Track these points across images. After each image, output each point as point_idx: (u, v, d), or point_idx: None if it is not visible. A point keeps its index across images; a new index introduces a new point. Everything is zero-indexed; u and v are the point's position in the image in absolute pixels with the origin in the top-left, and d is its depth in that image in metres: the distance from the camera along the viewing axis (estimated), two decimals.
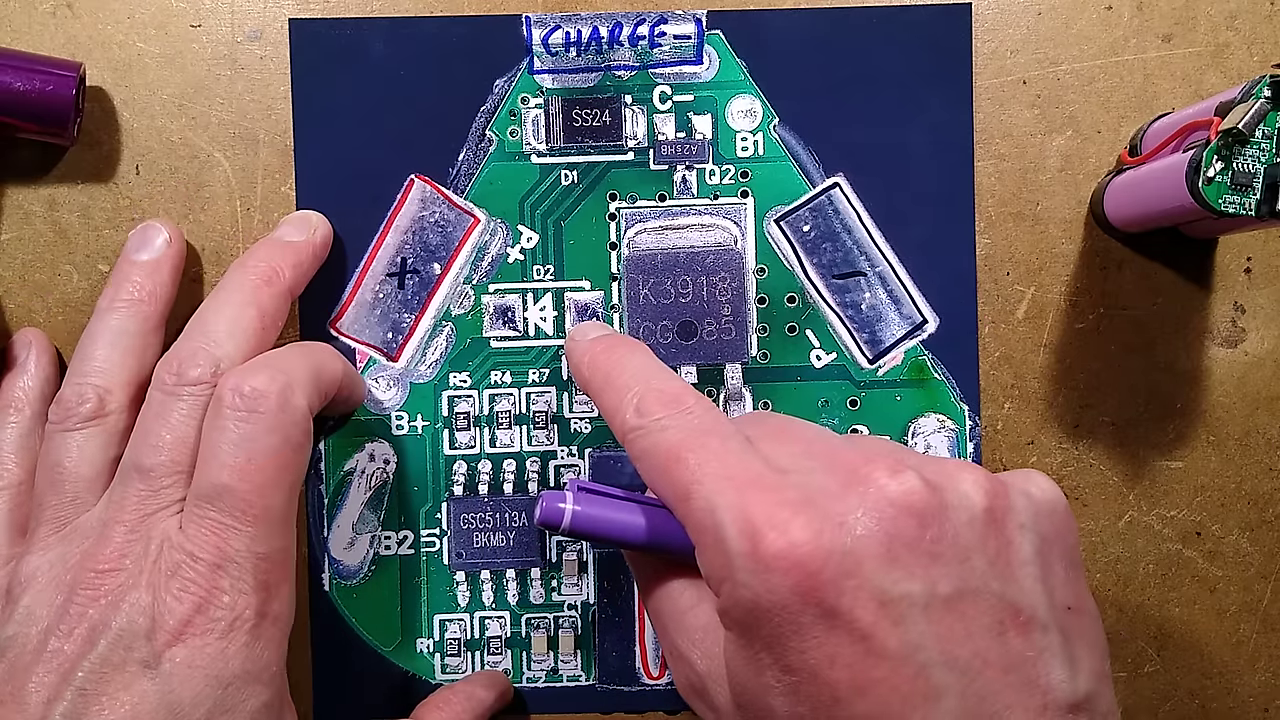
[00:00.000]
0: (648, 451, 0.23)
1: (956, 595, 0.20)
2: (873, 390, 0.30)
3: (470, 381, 0.30)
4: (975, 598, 0.20)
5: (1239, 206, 0.25)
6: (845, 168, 0.30)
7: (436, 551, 0.30)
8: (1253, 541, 0.30)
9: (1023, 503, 0.21)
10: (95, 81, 0.29)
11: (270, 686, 0.24)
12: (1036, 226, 0.30)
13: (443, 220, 0.30)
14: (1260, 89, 0.25)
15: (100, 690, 0.23)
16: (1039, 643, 0.20)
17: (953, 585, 0.20)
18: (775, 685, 0.20)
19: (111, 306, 0.27)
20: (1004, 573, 0.20)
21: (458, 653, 0.30)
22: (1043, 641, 0.20)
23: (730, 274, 0.30)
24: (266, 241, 0.28)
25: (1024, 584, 0.20)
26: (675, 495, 0.22)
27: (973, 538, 0.20)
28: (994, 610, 0.20)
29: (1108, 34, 0.30)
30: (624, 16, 0.30)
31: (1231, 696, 0.31)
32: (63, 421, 0.26)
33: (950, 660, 0.19)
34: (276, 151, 0.30)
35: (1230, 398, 0.30)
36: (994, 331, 0.30)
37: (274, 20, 0.30)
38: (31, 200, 0.29)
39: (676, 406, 0.23)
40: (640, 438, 0.23)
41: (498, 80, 0.30)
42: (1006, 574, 0.20)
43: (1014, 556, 0.21)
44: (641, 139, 0.30)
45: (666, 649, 0.23)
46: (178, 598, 0.24)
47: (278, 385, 0.24)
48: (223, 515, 0.24)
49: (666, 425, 0.23)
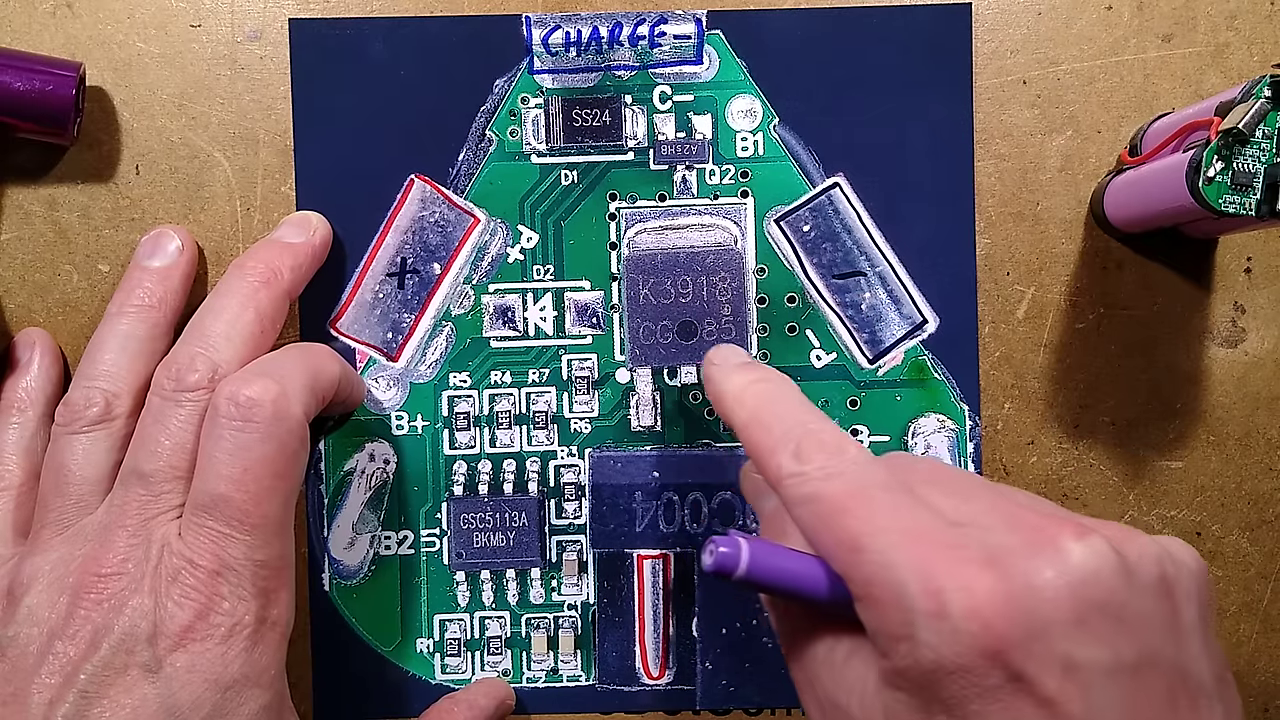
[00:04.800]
0: (808, 499, 0.22)
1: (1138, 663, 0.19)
2: (873, 390, 0.30)
3: (470, 381, 0.30)
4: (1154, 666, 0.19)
5: (1239, 206, 0.25)
6: (845, 168, 0.30)
7: (436, 551, 0.30)
8: (1253, 541, 0.30)
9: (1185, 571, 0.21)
10: (95, 81, 0.29)
11: (270, 689, 0.24)
12: (1036, 226, 0.30)
13: (443, 220, 0.30)
14: (1260, 89, 0.25)
15: (102, 693, 0.23)
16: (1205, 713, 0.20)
17: (1135, 653, 0.19)
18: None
19: (121, 311, 0.27)
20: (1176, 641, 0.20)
21: (458, 653, 0.30)
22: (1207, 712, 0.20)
23: (730, 274, 0.30)
24: (265, 242, 0.28)
25: (1192, 651, 0.20)
26: (841, 547, 0.21)
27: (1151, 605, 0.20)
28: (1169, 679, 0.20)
29: (1108, 34, 0.30)
30: (624, 16, 0.30)
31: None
32: (69, 424, 0.26)
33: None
34: (276, 151, 0.30)
35: (1230, 398, 0.30)
36: (994, 331, 0.30)
37: (274, 20, 0.30)
38: (31, 200, 0.29)
39: (839, 454, 0.22)
40: (800, 484, 0.22)
41: (498, 80, 0.30)
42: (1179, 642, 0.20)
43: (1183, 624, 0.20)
44: (641, 139, 0.30)
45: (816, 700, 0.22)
46: (179, 604, 0.24)
47: (272, 394, 0.24)
48: (220, 524, 0.24)
49: (830, 473, 0.22)
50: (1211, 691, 0.20)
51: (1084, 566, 0.19)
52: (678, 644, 0.30)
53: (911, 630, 0.19)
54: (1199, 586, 0.21)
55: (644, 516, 0.30)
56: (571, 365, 0.30)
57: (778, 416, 0.23)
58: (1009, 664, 0.19)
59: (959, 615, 0.19)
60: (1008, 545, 0.20)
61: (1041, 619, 0.19)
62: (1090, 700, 0.19)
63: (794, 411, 0.23)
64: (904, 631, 0.20)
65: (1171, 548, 0.21)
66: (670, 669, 0.30)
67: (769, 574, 0.22)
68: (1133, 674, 0.19)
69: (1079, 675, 0.19)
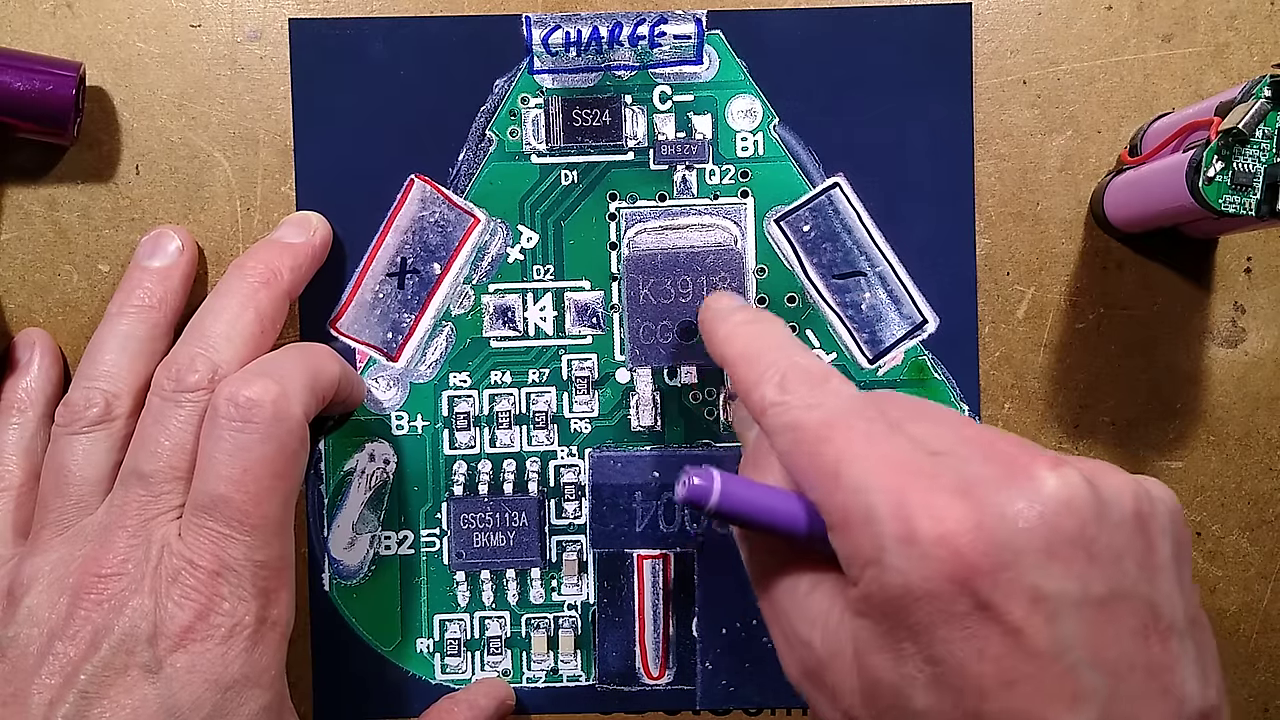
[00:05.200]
0: (789, 427, 0.22)
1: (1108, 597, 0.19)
2: (873, 390, 0.30)
3: (470, 381, 0.30)
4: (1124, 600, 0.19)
5: (1239, 206, 0.25)
6: (845, 168, 0.30)
7: (436, 551, 0.30)
8: (1253, 541, 0.30)
9: (1162, 507, 0.21)
10: (95, 81, 0.29)
11: (270, 690, 0.25)
12: (1036, 226, 0.30)
13: (443, 220, 0.30)
14: (1260, 89, 0.25)
15: (102, 694, 0.23)
16: (1175, 650, 0.20)
17: (1106, 586, 0.19)
18: (917, 675, 0.19)
19: (121, 311, 0.27)
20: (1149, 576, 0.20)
21: (457, 653, 0.30)
22: (1179, 649, 0.20)
23: (730, 274, 0.30)
24: (265, 243, 0.28)
25: (1165, 589, 0.20)
26: (820, 474, 0.21)
27: (1124, 539, 0.20)
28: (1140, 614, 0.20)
29: (1108, 34, 0.30)
30: (624, 16, 0.30)
31: (1231, 696, 0.30)
32: (70, 424, 0.26)
33: (1098, 662, 0.19)
34: (276, 151, 0.30)
35: (1230, 398, 0.30)
36: (994, 331, 0.30)
37: (274, 20, 0.30)
38: (31, 200, 0.29)
39: (822, 385, 0.22)
40: (782, 413, 0.22)
41: (498, 80, 0.30)
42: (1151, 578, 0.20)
43: (1157, 561, 0.20)
44: (641, 139, 0.30)
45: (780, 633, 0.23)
46: (179, 604, 0.24)
47: (272, 394, 0.25)
48: (220, 525, 0.24)
49: (812, 403, 0.22)
50: (1183, 630, 0.20)
51: (1056, 497, 0.20)
52: (678, 644, 0.30)
53: (881, 555, 0.19)
54: (1174, 525, 0.21)
55: (644, 516, 0.30)
56: (571, 365, 0.30)
57: (765, 350, 0.24)
58: (976, 591, 0.19)
59: (928, 541, 0.19)
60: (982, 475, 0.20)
61: (1011, 548, 0.19)
62: (1057, 631, 0.19)
63: (781, 346, 0.24)
64: (873, 556, 0.20)
65: (1149, 485, 0.21)
66: (670, 669, 0.30)
67: (740, 506, 0.22)
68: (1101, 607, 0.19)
69: (1046, 605, 0.19)
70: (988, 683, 0.19)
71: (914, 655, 0.19)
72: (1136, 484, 0.21)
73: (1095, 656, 0.19)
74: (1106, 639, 0.19)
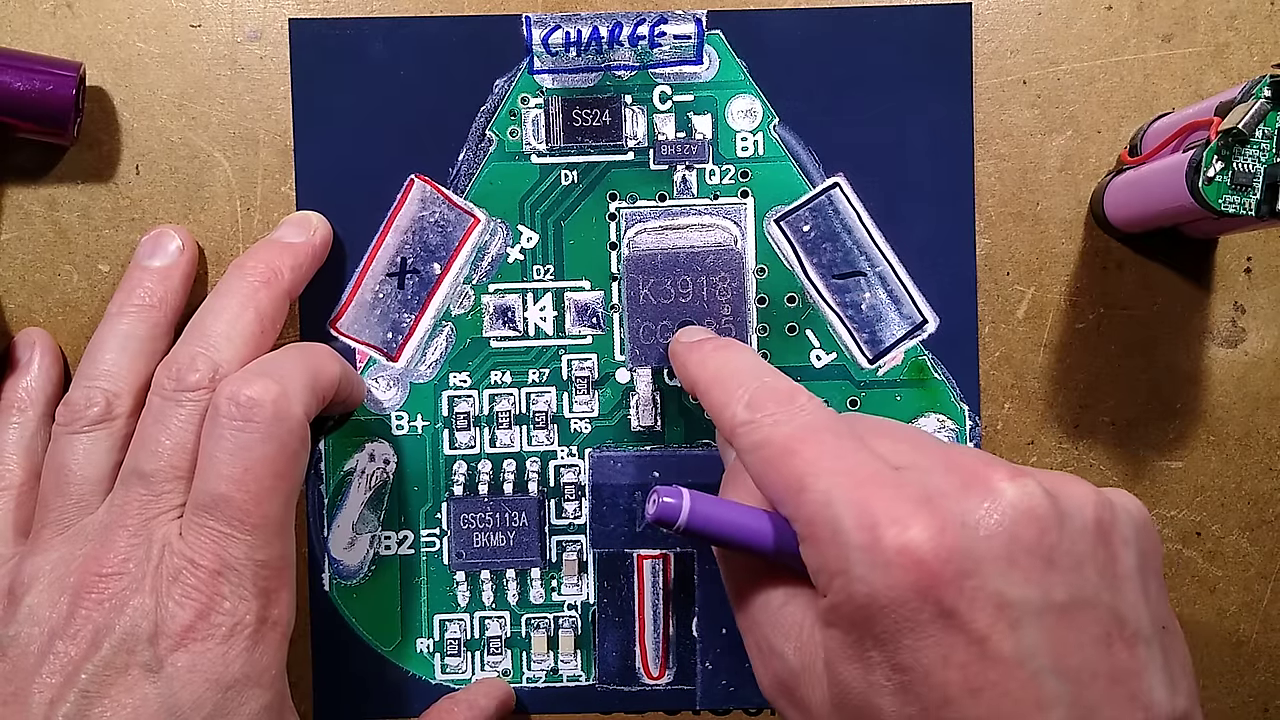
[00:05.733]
0: (758, 445, 0.22)
1: (1070, 604, 0.20)
2: (873, 390, 0.30)
3: (470, 381, 0.30)
4: (1087, 608, 0.20)
5: (1239, 206, 0.25)
6: (845, 168, 0.30)
7: (436, 551, 0.30)
8: (1253, 541, 0.30)
9: (1125, 517, 0.21)
10: (95, 81, 0.29)
11: (270, 689, 0.25)
12: (1036, 226, 0.30)
13: (443, 220, 0.30)
14: (1260, 89, 0.25)
15: (103, 693, 0.23)
16: (1142, 657, 0.20)
17: (1067, 594, 0.20)
18: (885, 684, 0.20)
19: (122, 311, 0.27)
20: (1112, 585, 0.20)
21: (457, 653, 0.30)
22: (1145, 656, 0.20)
23: (730, 274, 0.30)
24: (265, 242, 0.29)
25: (1129, 597, 0.20)
26: (787, 488, 0.21)
27: (1085, 548, 0.20)
28: (1103, 622, 0.20)
29: (1108, 34, 0.30)
30: (624, 16, 0.30)
31: (1232, 696, 0.31)
32: (70, 423, 0.26)
33: (1061, 669, 0.19)
34: (276, 151, 0.30)
35: (1230, 398, 0.30)
36: (994, 331, 0.30)
37: (274, 20, 0.30)
38: (31, 200, 0.29)
39: (789, 403, 0.23)
40: (751, 431, 0.23)
41: (498, 80, 0.30)
42: (1114, 586, 0.20)
43: (1120, 569, 0.21)
44: (641, 139, 0.30)
45: (755, 644, 0.23)
46: (180, 604, 0.24)
47: (273, 394, 0.25)
48: (221, 524, 0.24)
49: (779, 420, 0.22)
50: (1150, 637, 0.20)
51: (1015, 505, 0.20)
52: (678, 644, 0.30)
53: (847, 565, 0.20)
54: (1140, 534, 0.21)
55: (644, 517, 0.30)
56: (571, 365, 0.30)
57: (734, 373, 0.24)
58: (940, 600, 0.19)
59: (892, 550, 0.19)
60: (943, 486, 0.20)
61: (973, 556, 0.19)
62: (1020, 638, 0.19)
63: (750, 369, 0.25)
64: (840, 566, 0.20)
65: (1113, 495, 0.22)
66: (670, 669, 0.30)
67: (709, 525, 0.23)
68: (1062, 614, 0.20)
69: (1010, 613, 0.19)
70: (953, 690, 0.19)
71: (881, 664, 0.20)
72: (1098, 495, 0.21)
73: (1058, 664, 0.19)
74: (1069, 646, 0.19)
